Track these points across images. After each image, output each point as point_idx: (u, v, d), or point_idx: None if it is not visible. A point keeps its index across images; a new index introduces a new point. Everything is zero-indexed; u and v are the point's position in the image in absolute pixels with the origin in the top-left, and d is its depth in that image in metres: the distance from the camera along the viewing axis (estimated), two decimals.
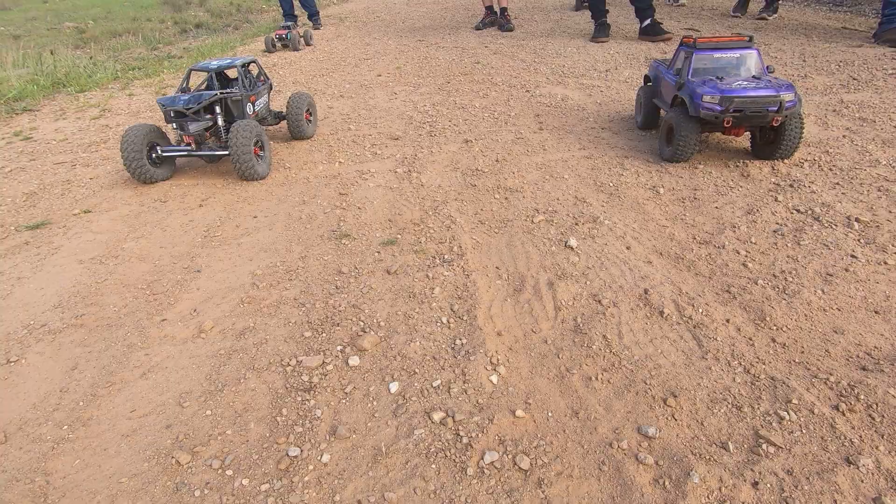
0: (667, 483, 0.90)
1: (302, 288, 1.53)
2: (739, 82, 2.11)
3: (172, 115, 2.33)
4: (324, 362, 1.22)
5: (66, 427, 1.09)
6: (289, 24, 5.83)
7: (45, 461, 1.02)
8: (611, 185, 2.11)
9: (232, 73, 2.74)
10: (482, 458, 0.96)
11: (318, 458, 0.99)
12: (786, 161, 2.20)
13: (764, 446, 0.96)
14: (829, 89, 3.11)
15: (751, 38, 2.32)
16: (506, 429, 1.03)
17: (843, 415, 1.01)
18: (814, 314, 1.31)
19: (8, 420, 1.12)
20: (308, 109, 2.95)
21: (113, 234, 1.92)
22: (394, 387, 1.14)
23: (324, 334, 1.32)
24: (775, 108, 1.99)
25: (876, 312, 1.31)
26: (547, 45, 4.89)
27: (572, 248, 1.66)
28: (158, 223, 1.99)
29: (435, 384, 1.15)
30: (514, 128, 2.83)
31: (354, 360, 1.23)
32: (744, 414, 1.03)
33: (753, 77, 2.18)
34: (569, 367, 1.18)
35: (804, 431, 0.98)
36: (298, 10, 6.52)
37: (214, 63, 2.65)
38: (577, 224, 1.81)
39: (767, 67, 2.29)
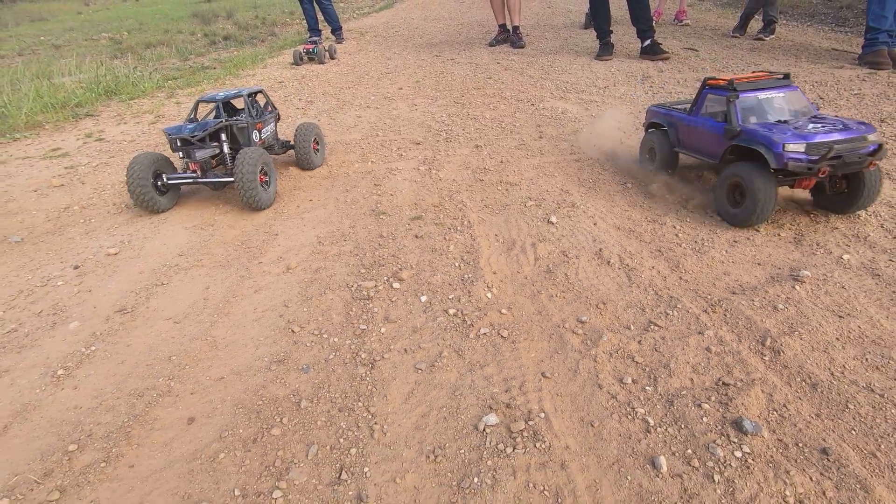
0: (588, 342, 1.64)
1: (354, 245, 2.30)
2: (812, 126, 2.06)
3: (179, 143, 2.54)
4: (376, 285, 1.98)
5: (214, 316, 1.86)
6: (315, 38, 6.74)
7: (209, 331, 1.78)
8: (591, 181, 2.86)
9: (239, 104, 3.01)
10: (479, 331, 1.71)
11: (379, 330, 1.74)
12: None
13: (652, 327, 1.70)
14: None
15: (787, 76, 2.31)
16: (495, 319, 1.78)
17: (707, 314, 1.75)
18: (714, 264, 2.04)
19: (175, 313, 1.90)
20: (315, 139, 3.20)
21: (204, 210, 2.72)
22: (423, 298, 1.90)
23: (374, 271, 2.09)
24: (871, 151, 1.95)
25: (758, 264, 2.03)
26: (554, 61, 5.71)
27: (552, 223, 2.41)
28: (237, 203, 2.78)
29: (450, 297, 1.90)
30: (517, 136, 3.61)
31: (396, 285, 1.99)
32: (645, 313, 1.77)
33: (815, 118, 2.17)
34: (539, 290, 1.93)
35: (680, 320, 1.72)
36: (322, 24, 7.44)
37: (221, 93, 2.87)
38: (559, 208, 2.57)
39: (814, 105, 2.29)
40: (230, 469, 1.27)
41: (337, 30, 7.46)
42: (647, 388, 1.46)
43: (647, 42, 5.52)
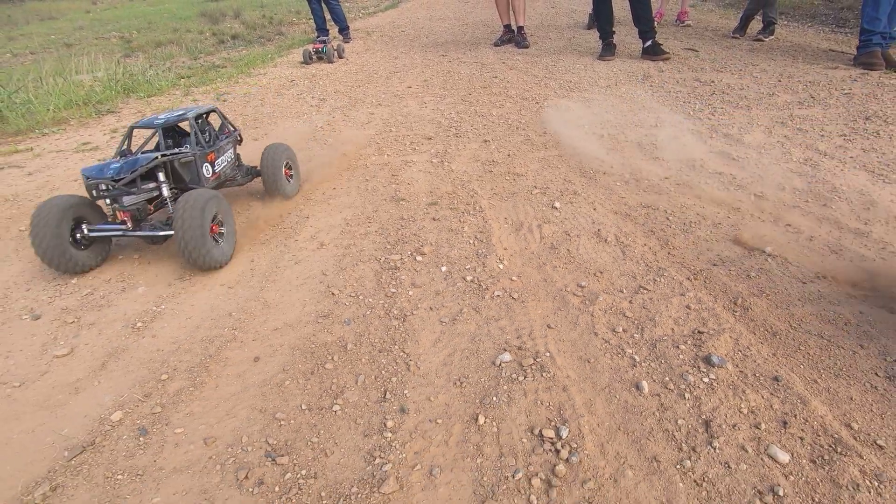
0: (586, 301, 2.00)
1: (379, 226, 2.66)
2: None
3: (103, 188, 2.12)
4: (401, 258, 2.35)
5: (262, 282, 2.22)
6: (323, 38, 7.12)
7: (259, 293, 2.14)
8: (591, 172, 3.23)
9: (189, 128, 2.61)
10: (493, 293, 2.07)
11: (407, 293, 2.10)
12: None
13: (641, 290, 2.06)
14: (786, 105, 4.22)
15: None
16: (506, 284, 2.14)
17: (690, 280, 2.11)
18: (699, 242, 2.40)
19: (227, 280, 2.26)
20: (288, 164, 2.84)
21: (238, 194, 3.08)
22: (443, 268, 2.26)
23: (398, 246, 2.45)
24: None
25: (737, 242, 2.39)
26: (558, 61, 6.08)
27: (556, 208, 2.77)
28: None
29: (467, 267, 2.26)
30: (523, 132, 3.97)
31: (419, 258, 2.35)
32: (636, 279, 2.13)
33: None
34: (544, 262, 2.29)
35: (665, 285, 2.08)
36: (329, 23, 7.83)
37: (161, 117, 2.46)
38: (562, 195, 2.93)
39: None
40: (295, 392, 1.63)
41: (344, 29, 7.85)
42: (634, 335, 1.82)
43: (649, 43, 5.89)
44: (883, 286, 1.98)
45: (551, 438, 1.43)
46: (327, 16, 7.65)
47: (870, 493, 1.25)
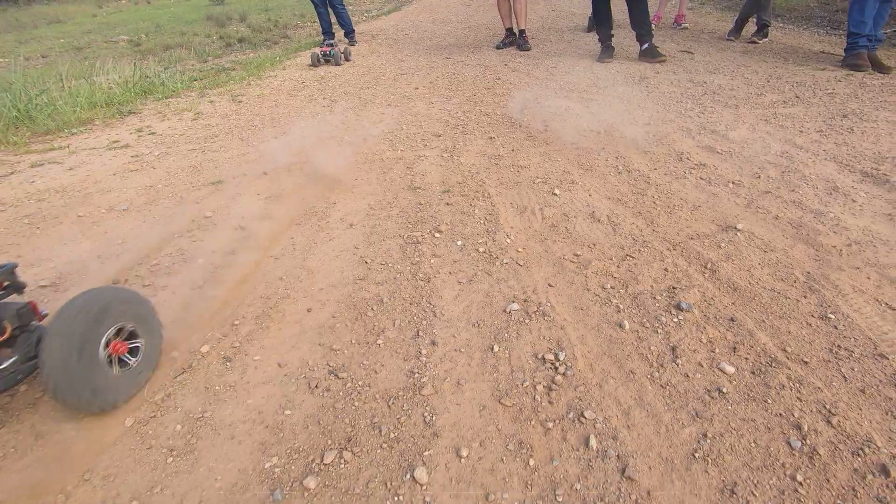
0: (580, 266, 2.49)
1: (399, 210, 3.15)
2: None
3: None
4: (422, 234, 2.83)
5: (304, 255, 2.71)
6: (330, 41, 7.64)
7: (303, 263, 2.63)
8: (588, 164, 3.72)
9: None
10: (502, 261, 2.56)
11: (429, 261, 2.59)
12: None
13: (627, 258, 2.54)
14: (772, 104, 4.72)
15: None
16: (513, 254, 2.62)
17: (669, 250, 2.59)
18: (680, 221, 2.89)
19: (274, 253, 2.74)
20: (124, 331, 1.66)
21: (272, 185, 3.57)
22: (459, 242, 2.75)
23: (418, 226, 2.94)
24: None
25: (713, 221, 2.88)
26: (559, 64, 6.60)
27: (556, 195, 3.27)
28: (290, 181, 3.63)
29: (479, 241, 2.75)
30: (526, 129, 4.47)
31: (437, 235, 2.84)
32: (625, 250, 2.62)
33: None
34: (545, 237, 2.78)
35: (648, 254, 2.56)
36: (334, 26, 8.35)
37: None
38: (561, 184, 3.42)
39: None
40: (344, 332, 2.11)
41: (350, 33, 8.38)
42: (620, 290, 2.30)
43: (646, 45, 6.41)
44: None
45: (551, 360, 1.91)
46: (333, 19, 8.18)
47: (791, 391, 1.74)
